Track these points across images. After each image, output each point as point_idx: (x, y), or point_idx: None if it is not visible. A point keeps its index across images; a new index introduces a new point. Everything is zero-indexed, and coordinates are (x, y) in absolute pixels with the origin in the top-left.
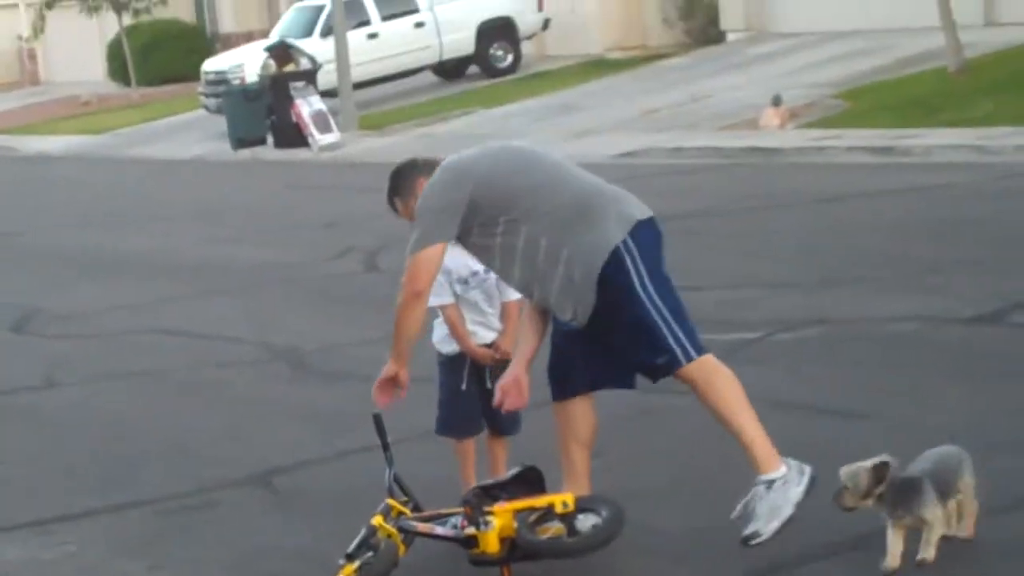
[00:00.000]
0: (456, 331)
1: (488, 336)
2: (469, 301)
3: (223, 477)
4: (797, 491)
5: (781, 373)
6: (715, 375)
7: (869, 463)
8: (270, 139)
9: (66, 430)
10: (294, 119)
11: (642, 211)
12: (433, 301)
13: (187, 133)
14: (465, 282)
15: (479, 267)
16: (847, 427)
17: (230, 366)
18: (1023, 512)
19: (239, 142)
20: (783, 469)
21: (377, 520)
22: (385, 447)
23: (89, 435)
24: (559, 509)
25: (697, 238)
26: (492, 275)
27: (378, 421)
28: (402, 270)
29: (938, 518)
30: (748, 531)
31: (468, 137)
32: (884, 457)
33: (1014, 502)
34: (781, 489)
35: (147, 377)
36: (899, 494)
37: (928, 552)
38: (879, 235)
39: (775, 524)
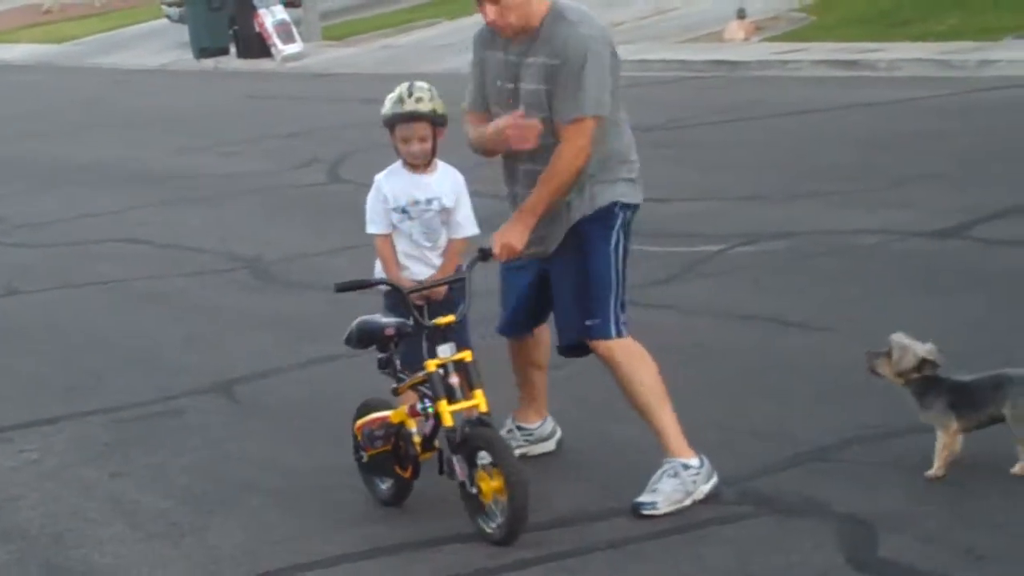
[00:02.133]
0: (386, 262)
1: (423, 273)
2: (405, 233)
3: (186, 386)
4: (703, 489)
5: (744, 285)
6: (640, 361)
7: (922, 349)
8: (233, 49)
9: (27, 338)
10: (257, 29)
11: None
12: (368, 228)
13: (149, 42)
14: (403, 211)
15: (421, 196)
16: (810, 338)
17: (194, 275)
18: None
19: (202, 52)
20: (697, 460)
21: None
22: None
23: (51, 343)
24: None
25: (661, 151)
26: (435, 207)
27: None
28: (364, 182)
29: (941, 426)
30: (646, 499)
31: (432, 48)
32: (935, 352)
33: None
34: (691, 480)
35: (111, 286)
36: (920, 387)
37: (933, 467)
38: (843, 149)
39: (670, 508)
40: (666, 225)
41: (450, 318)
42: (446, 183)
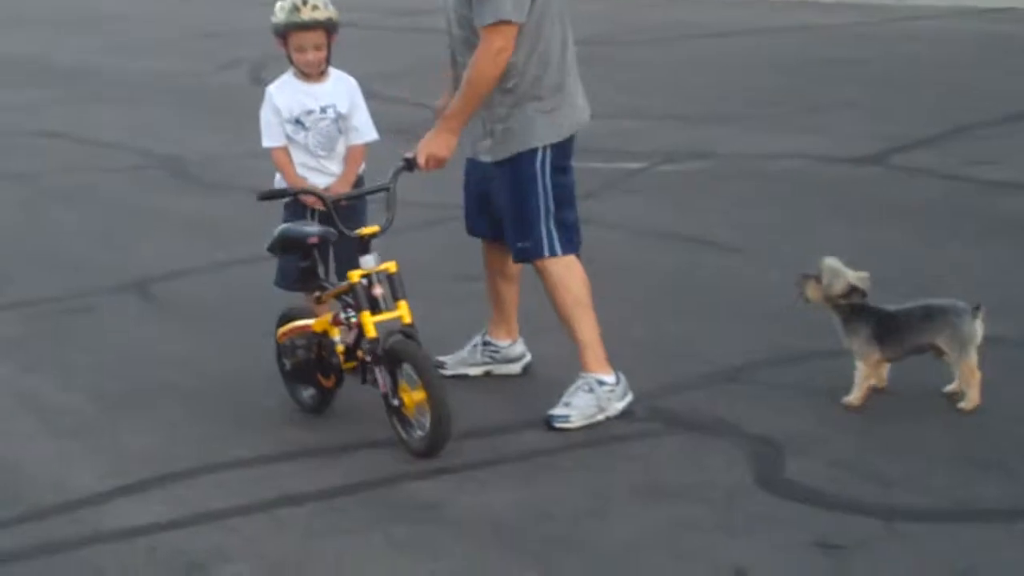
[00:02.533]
0: (285, 174)
1: (323, 183)
2: (300, 143)
3: (99, 283)
4: (616, 406)
5: (663, 204)
6: (569, 272)
7: (853, 276)
8: None
9: None
10: None
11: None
12: (264, 142)
13: None
14: (297, 122)
15: (315, 106)
16: (725, 259)
17: (111, 172)
18: None
19: None
20: (613, 377)
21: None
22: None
23: None
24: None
25: (585, 67)
26: (330, 115)
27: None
28: None
29: (862, 356)
30: (559, 412)
31: None
32: (865, 281)
33: None
34: (606, 396)
35: (23, 179)
36: (847, 313)
37: (851, 394)
38: (768, 73)
39: (584, 422)
40: (588, 142)
41: (375, 228)
42: (340, 89)
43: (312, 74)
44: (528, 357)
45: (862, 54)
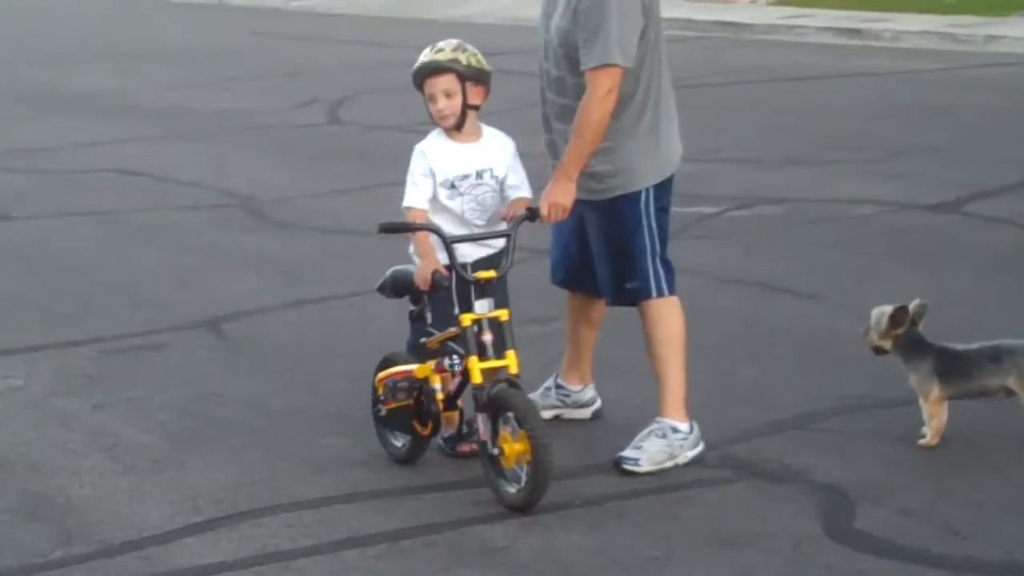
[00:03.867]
0: (417, 245)
1: (476, 253)
2: (453, 210)
3: (172, 320)
4: (687, 455)
5: (737, 249)
6: (670, 312)
7: (891, 307)
8: None
9: (17, 264)
10: None
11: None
12: (405, 201)
13: None
14: (452, 186)
15: (469, 170)
16: (797, 306)
17: (188, 210)
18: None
19: None
20: (687, 426)
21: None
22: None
23: (41, 270)
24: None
25: None
26: (487, 180)
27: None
28: (364, 124)
29: (922, 392)
30: (630, 455)
31: None
32: (909, 305)
33: None
34: (678, 444)
35: (104, 216)
36: (906, 349)
37: (926, 436)
38: (843, 118)
39: (653, 468)
40: None
41: (491, 273)
42: (496, 150)
43: (450, 128)
44: (598, 403)
45: (940, 100)
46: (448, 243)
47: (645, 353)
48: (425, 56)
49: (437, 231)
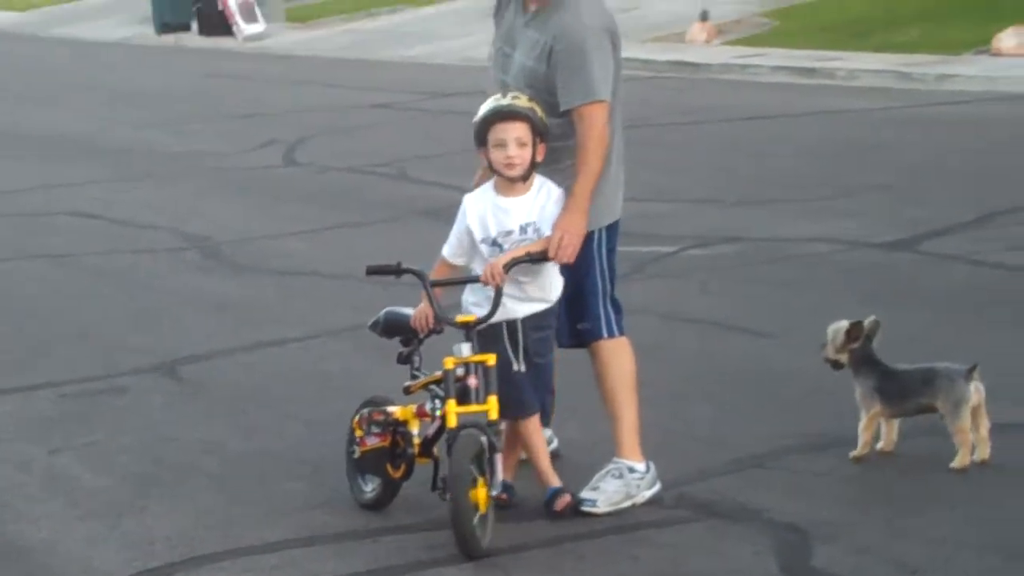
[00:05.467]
0: (429, 298)
1: (524, 309)
2: None
3: (130, 364)
4: (644, 495)
5: (693, 288)
6: (621, 353)
7: (847, 322)
8: (195, 26)
9: None
10: (220, 7)
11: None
12: (445, 250)
13: (111, 15)
14: (495, 243)
15: (513, 226)
16: (755, 345)
17: (145, 253)
18: (927, 436)
19: (163, 27)
20: (643, 466)
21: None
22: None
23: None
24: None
25: None
26: (531, 235)
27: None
28: (320, 166)
29: (864, 407)
30: (588, 496)
31: (394, 35)
32: (861, 319)
33: (912, 426)
34: (635, 484)
35: (60, 259)
36: (858, 363)
37: (858, 447)
38: (797, 157)
39: (609, 509)
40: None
41: (472, 316)
42: (542, 203)
43: (515, 179)
44: (555, 443)
45: (894, 138)
46: (428, 286)
47: (599, 394)
48: (499, 100)
49: (419, 274)
